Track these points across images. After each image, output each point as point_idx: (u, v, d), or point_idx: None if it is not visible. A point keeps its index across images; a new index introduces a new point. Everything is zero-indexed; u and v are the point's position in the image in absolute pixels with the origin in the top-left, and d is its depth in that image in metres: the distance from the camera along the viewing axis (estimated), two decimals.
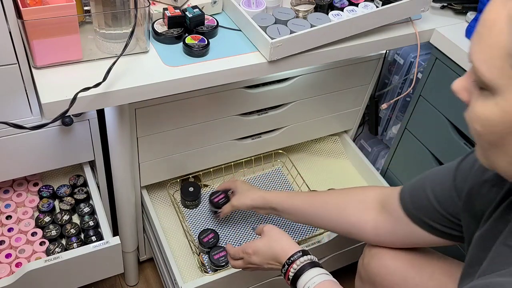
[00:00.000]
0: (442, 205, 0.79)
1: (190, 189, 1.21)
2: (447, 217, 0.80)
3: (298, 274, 0.79)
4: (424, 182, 0.83)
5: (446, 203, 0.79)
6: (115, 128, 0.97)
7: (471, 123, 0.54)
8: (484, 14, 0.51)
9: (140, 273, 1.39)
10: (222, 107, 1.09)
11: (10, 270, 0.97)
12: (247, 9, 0.94)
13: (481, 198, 0.72)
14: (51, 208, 1.08)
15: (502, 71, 0.48)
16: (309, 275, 0.78)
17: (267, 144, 1.29)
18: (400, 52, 1.30)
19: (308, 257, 0.81)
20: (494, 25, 0.49)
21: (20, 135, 0.93)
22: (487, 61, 0.49)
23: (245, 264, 0.93)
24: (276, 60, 0.90)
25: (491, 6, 0.50)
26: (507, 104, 0.49)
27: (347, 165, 1.44)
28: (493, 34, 0.49)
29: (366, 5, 1.00)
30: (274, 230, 0.89)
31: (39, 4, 0.75)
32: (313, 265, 0.79)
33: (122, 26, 0.85)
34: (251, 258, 0.90)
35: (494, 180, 0.70)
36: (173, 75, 0.83)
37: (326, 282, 0.76)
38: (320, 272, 0.78)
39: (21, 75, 0.82)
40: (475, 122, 0.53)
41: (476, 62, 0.51)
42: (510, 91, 0.48)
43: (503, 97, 0.49)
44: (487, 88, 0.51)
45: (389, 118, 1.40)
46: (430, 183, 0.82)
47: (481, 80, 0.51)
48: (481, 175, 0.73)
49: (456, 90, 0.57)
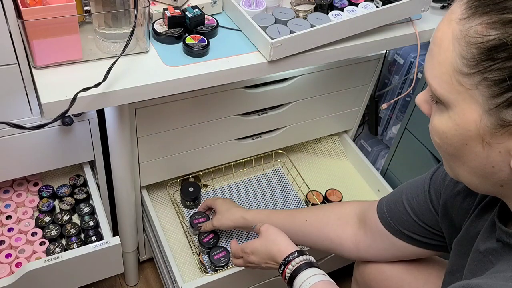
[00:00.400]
0: (420, 218, 0.80)
1: (190, 189, 1.21)
2: (427, 229, 0.80)
3: (294, 275, 0.79)
4: (400, 195, 0.84)
5: (423, 216, 0.80)
6: (115, 128, 0.97)
7: (431, 136, 0.57)
8: (434, 32, 0.54)
9: (140, 273, 1.39)
10: (222, 107, 1.09)
11: (10, 270, 0.97)
12: (247, 9, 0.94)
13: (456, 210, 0.74)
14: (51, 208, 1.08)
15: (451, 86, 0.51)
16: (305, 275, 0.78)
17: (267, 144, 1.29)
18: (400, 52, 1.30)
19: (304, 257, 0.81)
20: (442, 43, 0.51)
21: (20, 135, 0.93)
22: (438, 76, 0.52)
23: (245, 263, 0.94)
24: (276, 60, 0.90)
25: (439, 26, 0.53)
26: (458, 117, 0.52)
27: (347, 165, 1.44)
28: (441, 51, 0.51)
29: (366, 5, 1.00)
30: (271, 230, 0.89)
31: (39, 4, 0.75)
32: (309, 265, 0.79)
33: (122, 26, 0.85)
34: (249, 257, 0.91)
35: (466, 191, 0.72)
36: (173, 75, 0.83)
37: (322, 282, 0.76)
38: (316, 272, 0.78)
39: (21, 75, 0.82)
40: (433, 134, 0.57)
41: (428, 78, 0.54)
42: (460, 105, 0.51)
43: (454, 111, 0.52)
44: (441, 102, 0.53)
45: (389, 118, 1.40)
46: (406, 196, 0.82)
47: (434, 94, 0.53)
48: (452, 187, 0.74)
49: (418, 103, 0.60)
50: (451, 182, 0.75)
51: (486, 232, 0.64)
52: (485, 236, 0.63)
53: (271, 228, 0.90)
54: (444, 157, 0.59)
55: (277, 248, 0.85)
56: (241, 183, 1.32)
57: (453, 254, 0.73)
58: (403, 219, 0.82)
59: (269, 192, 1.31)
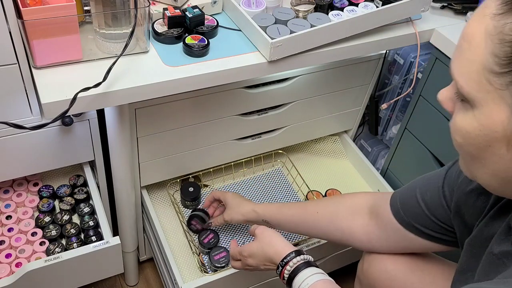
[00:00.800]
0: (433, 213, 0.79)
1: (190, 189, 1.21)
2: (439, 224, 0.80)
3: (292, 275, 0.79)
4: (414, 189, 0.83)
5: (436, 211, 0.79)
6: (115, 128, 0.97)
7: (453, 134, 0.55)
8: (464, 28, 0.52)
9: (140, 273, 1.39)
10: (222, 107, 1.09)
11: (10, 270, 0.97)
12: (247, 9, 0.94)
13: (468, 209, 0.73)
14: (51, 208, 1.08)
15: (480, 85, 0.49)
16: (304, 275, 0.77)
17: (267, 144, 1.29)
18: (400, 52, 1.30)
19: (302, 256, 0.80)
20: (473, 39, 0.49)
21: (20, 135, 0.93)
22: (466, 74, 0.50)
23: (243, 265, 0.93)
24: (276, 60, 0.90)
25: (470, 21, 0.51)
26: (484, 118, 0.50)
27: (347, 165, 1.44)
28: (472, 48, 0.49)
29: (366, 5, 1.00)
30: (266, 232, 0.89)
31: (39, 4, 0.75)
32: (307, 265, 0.79)
33: (122, 26, 0.85)
34: (247, 260, 0.91)
35: (479, 190, 0.71)
36: (173, 75, 0.83)
37: (321, 281, 0.75)
38: (315, 272, 0.77)
39: (21, 75, 0.82)
40: (455, 133, 0.55)
41: (455, 75, 0.52)
42: (488, 105, 0.49)
43: (480, 111, 0.50)
44: (466, 100, 0.51)
45: (389, 118, 1.40)
46: (420, 190, 0.82)
47: (461, 92, 0.51)
48: (466, 186, 0.73)
49: (441, 100, 0.57)
50: (464, 180, 0.74)
51: (501, 235, 0.62)
52: (500, 238, 0.62)
53: (266, 230, 0.89)
54: (463, 157, 0.58)
55: (274, 249, 0.85)
56: (241, 183, 1.32)
57: (465, 254, 0.72)
58: (416, 214, 0.81)
59: (269, 192, 1.31)
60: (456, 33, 1.06)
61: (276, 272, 0.84)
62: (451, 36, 1.05)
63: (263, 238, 0.88)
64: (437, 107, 1.14)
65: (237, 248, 0.95)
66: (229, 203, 1.10)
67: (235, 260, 0.96)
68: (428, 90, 1.16)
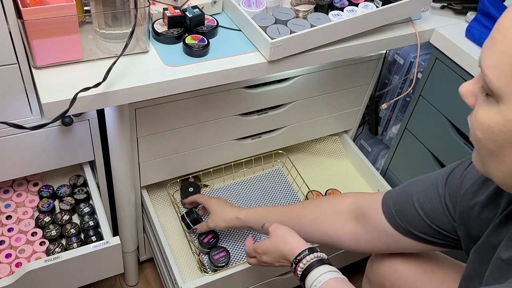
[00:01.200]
0: (435, 222, 0.78)
1: (190, 189, 1.21)
2: (441, 232, 0.78)
3: (305, 272, 0.79)
4: (410, 196, 0.81)
5: (438, 221, 0.78)
6: (115, 128, 0.97)
7: (472, 129, 0.54)
8: (500, 19, 0.50)
9: (140, 273, 1.39)
10: (222, 107, 1.09)
11: (10, 270, 0.97)
12: (247, 9, 0.94)
13: (473, 221, 0.72)
14: (51, 208, 1.08)
15: (510, 78, 0.48)
16: (317, 272, 0.77)
17: (267, 144, 1.29)
18: (400, 52, 1.30)
19: (315, 254, 0.80)
20: (508, 31, 0.48)
21: (20, 135, 0.93)
22: (497, 67, 0.49)
23: (258, 262, 0.94)
24: (276, 60, 0.90)
25: (507, 12, 0.49)
26: (510, 113, 0.48)
27: (347, 165, 1.44)
28: (506, 40, 0.48)
29: (366, 5, 1.00)
30: (280, 230, 0.89)
31: (39, 4, 0.75)
32: (321, 263, 0.78)
33: (122, 26, 0.85)
34: (262, 257, 0.91)
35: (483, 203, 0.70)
36: (173, 75, 0.83)
37: (334, 280, 0.75)
38: (328, 270, 0.77)
39: (21, 75, 0.82)
40: (476, 128, 0.53)
41: (485, 67, 0.50)
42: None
43: (507, 106, 0.49)
44: (493, 95, 0.50)
45: (389, 118, 1.40)
46: (418, 199, 0.80)
47: (488, 86, 0.50)
48: (469, 199, 0.72)
49: (463, 94, 0.56)
50: (467, 192, 0.72)
51: (509, 241, 0.61)
52: (509, 244, 0.61)
53: (280, 228, 0.89)
54: (480, 153, 0.55)
55: (288, 247, 0.85)
56: (241, 183, 1.32)
57: (471, 261, 0.71)
58: (415, 222, 0.79)
59: (269, 192, 1.31)
60: (456, 33, 1.06)
61: (291, 269, 0.84)
62: (451, 36, 1.05)
63: (277, 235, 0.88)
64: (437, 107, 1.14)
65: (252, 245, 0.95)
66: (213, 209, 1.08)
67: (251, 257, 0.96)
68: (428, 90, 1.16)
